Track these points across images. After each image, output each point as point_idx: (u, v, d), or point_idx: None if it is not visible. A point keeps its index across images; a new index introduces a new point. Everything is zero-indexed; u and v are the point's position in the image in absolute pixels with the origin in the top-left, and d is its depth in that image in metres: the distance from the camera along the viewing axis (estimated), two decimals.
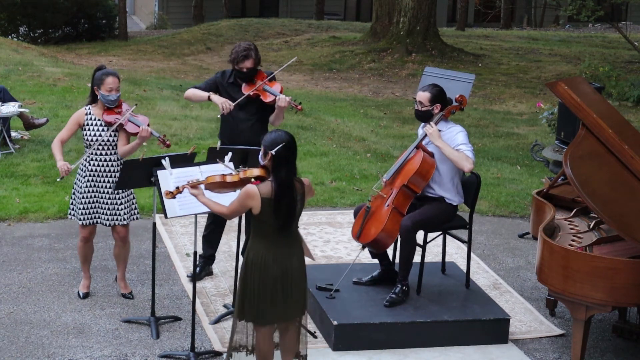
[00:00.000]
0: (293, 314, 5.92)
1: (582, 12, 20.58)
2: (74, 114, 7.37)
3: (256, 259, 5.78)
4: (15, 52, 18.95)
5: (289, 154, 5.70)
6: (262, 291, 5.78)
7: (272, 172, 5.72)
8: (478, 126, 15.04)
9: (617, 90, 17.06)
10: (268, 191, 5.67)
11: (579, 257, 6.31)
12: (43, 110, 13.49)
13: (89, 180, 7.27)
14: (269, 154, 5.69)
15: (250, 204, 5.69)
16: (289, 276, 5.80)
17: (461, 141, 7.12)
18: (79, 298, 7.57)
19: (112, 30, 27.07)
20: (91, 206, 7.31)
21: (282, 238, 5.79)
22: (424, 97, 7.24)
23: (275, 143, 5.68)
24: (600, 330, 7.40)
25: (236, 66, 7.70)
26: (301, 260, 5.90)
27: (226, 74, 7.85)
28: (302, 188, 5.82)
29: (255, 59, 7.68)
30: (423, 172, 7.13)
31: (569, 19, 30.30)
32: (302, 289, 5.91)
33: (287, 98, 7.64)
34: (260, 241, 5.79)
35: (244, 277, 5.85)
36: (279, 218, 5.69)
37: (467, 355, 6.90)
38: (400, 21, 22.38)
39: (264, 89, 7.71)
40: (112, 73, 7.25)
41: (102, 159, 7.26)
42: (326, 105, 16.36)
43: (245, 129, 7.72)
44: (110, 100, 7.22)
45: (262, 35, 25.64)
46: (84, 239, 7.47)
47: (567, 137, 9.41)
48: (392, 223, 7.09)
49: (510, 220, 10.09)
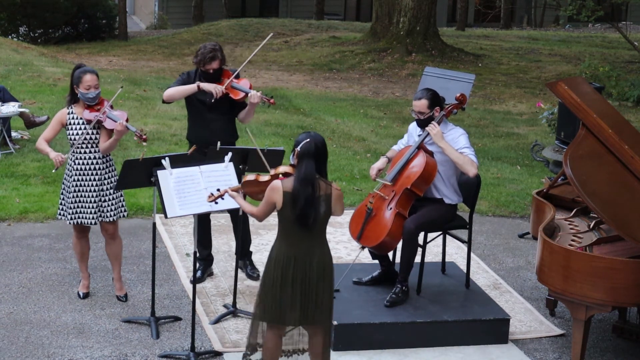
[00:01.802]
0: (317, 318, 5.88)
1: (582, 12, 20.57)
2: (56, 114, 7.40)
3: (279, 256, 5.82)
4: (15, 52, 18.95)
5: (314, 150, 5.75)
6: (282, 290, 5.80)
7: (296, 167, 5.79)
8: (478, 126, 15.05)
9: (617, 90, 17.05)
10: (290, 185, 5.73)
11: (579, 257, 6.30)
12: (43, 110, 13.50)
13: (75, 179, 7.29)
14: (296, 150, 5.79)
15: (274, 197, 5.74)
16: (308, 278, 5.80)
17: (464, 144, 7.10)
18: (79, 298, 7.57)
19: (112, 30, 27.08)
20: (78, 205, 7.32)
21: (304, 238, 5.79)
22: (421, 105, 7.19)
23: (302, 140, 5.80)
24: (600, 330, 7.40)
25: (202, 68, 7.66)
26: (324, 264, 5.86)
27: (191, 75, 7.79)
28: (329, 189, 5.82)
29: (221, 59, 7.66)
30: (426, 175, 7.11)
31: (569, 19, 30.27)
32: (324, 293, 5.85)
33: (258, 94, 7.61)
34: (283, 239, 5.82)
35: (265, 276, 5.88)
36: (295, 210, 5.70)
37: (467, 355, 6.90)
38: (400, 21, 22.37)
39: (233, 86, 7.67)
40: (89, 71, 7.27)
41: (87, 157, 7.27)
42: (326, 105, 16.37)
43: (217, 129, 7.67)
44: (89, 97, 7.23)
45: (262, 35, 25.63)
46: (78, 235, 7.51)
47: (567, 137, 9.41)
48: (396, 227, 7.08)
49: (510, 220, 10.09)
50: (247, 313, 7.31)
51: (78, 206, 7.32)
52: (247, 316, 7.28)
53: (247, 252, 8.07)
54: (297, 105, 16.07)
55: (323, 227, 5.86)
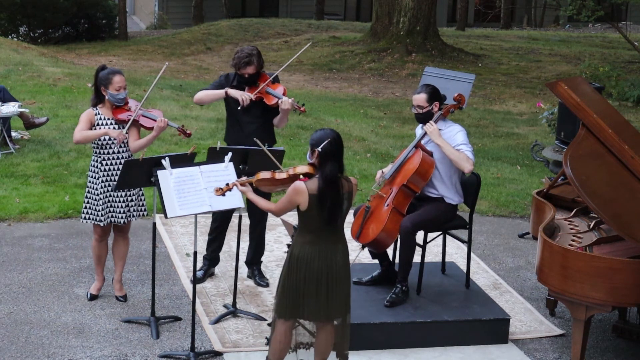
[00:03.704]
0: (335, 313, 5.95)
1: (582, 12, 20.57)
2: (83, 114, 7.33)
3: (302, 254, 5.85)
4: (15, 52, 18.94)
5: (335, 150, 5.79)
6: (305, 286, 5.83)
7: (319, 168, 5.80)
8: (478, 126, 15.05)
9: (617, 90, 17.05)
10: (315, 187, 5.75)
11: (579, 257, 6.30)
12: (43, 110, 13.49)
13: (104, 181, 7.28)
14: (316, 151, 5.78)
15: (298, 200, 5.77)
16: (334, 272, 5.87)
17: (461, 141, 7.12)
18: (80, 298, 7.56)
19: (112, 30, 27.06)
20: (108, 205, 7.32)
21: (328, 234, 5.85)
22: (420, 99, 7.22)
23: (321, 140, 5.78)
24: (600, 330, 7.40)
25: (238, 71, 7.69)
26: (346, 259, 5.96)
27: (230, 77, 7.82)
28: (350, 187, 5.89)
29: (257, 64, 7.65)
30: (422, 171, 7.12)
31: (569, 19, 30.29)
32: (345, 286, 5.96)
33: (290, 100, 7.62)
34: (306, 237, 5.85)
35: (287, 273, 5.89)
36: (324, 213, 5.75)
37: (467, 355, 6.90)
38: (400, 21, 22.37)
39: (267, 91, 7.68)
40: (117, 71, 7.27)
41: (115, 156, 7.28)
42: (326, 105, 16.36)
43: (251, 132, 7.66)
44: (120, 98, 7.24)
45: (262, 35, 25.63)
46: (99, 238, 7.47)
47: (567, 137, 9.41)
48: (392, 223, 7.09)
49: (510, 220, 10.09)
50: (247, 313, 7.32)
51: (109, 206, 7.31)
52: (247, 316, 7.29)
53: (258, 261, 8.06)
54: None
55: (344, 223, 5.94)
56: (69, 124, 12.59)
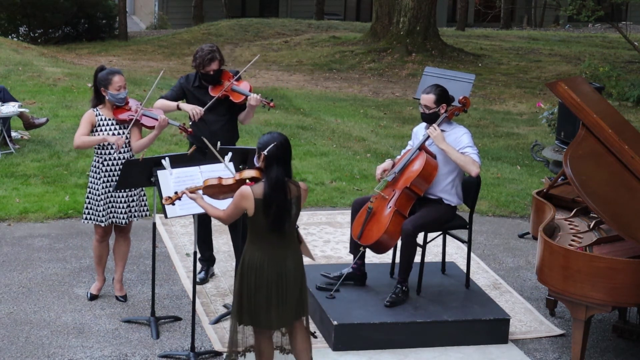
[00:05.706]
0: (289, 319, 5.88)
1: (582, 12, 20.56)
2: (84, 115, 7.32)
3: (252, 261, 5.77)
4: (15, 52, 18.94)
5: (281, 154, 5.69)
6: (257, 294, 5.78)
7: (265, 172, 5.71)
8: (478, 126, 15.05)
9: (617, 90, 17.05)
10: (261, 192, 5.66)
11: (579, 257, 6.30)
12: (43, 110, 13.49)
13: (105, 181, 7.28)
14: (262, 154, 5.69)
15: (244, 205, 5.68)
16: (284, 279, 5.78)
17: (466, 143, 7.11)
18: (80, 298, 7.56)
19: (112, 30, 27.08)
20: (109, 206, 7.32)
21: (277, 240, 5.76)
22: (428, 100, 7.21)
23: (267, 143, 5.69)
24: (600, 330, 7.40)
25: (202, 70, 7.64)
26: (298, 263, 5.87)
27: (190, 78, 7.78)
28: (298, 191, 5.79)
29: (220, 59, 7.65)
30: (426, 174, 7.12)
31: (569, 19, 30.30)
32: (298, 292, 5.87)
33: (258, 96, 7.61)
34: (255, 244, 5.78)
35: (240, 280, 5.85)
36: (269, 218, 5.66)
37: (467, 355, 6.90)
38: (400, 21, 22.38)
39: (233, 89, 7.67)
40: (117, 71, 7.27)
41: (116, 157, 7.28)
42: (326, 105, 16.37)
43: (217, 130, 7.67)
44: (120, 98, 7.23)
45: (262, 35, 25.63)
46: (100, 239, 7.47)
47: (567, 137, 9.41)
48: (394, 225, 7.08)
49: (510, 220, 10.09)
50: None
51: (110, 207, 7.31)
52: None
53: None
54: (297, 105, 16.07)
55: (293, 228, 5.85)
56: (69, 124, 12.59)
